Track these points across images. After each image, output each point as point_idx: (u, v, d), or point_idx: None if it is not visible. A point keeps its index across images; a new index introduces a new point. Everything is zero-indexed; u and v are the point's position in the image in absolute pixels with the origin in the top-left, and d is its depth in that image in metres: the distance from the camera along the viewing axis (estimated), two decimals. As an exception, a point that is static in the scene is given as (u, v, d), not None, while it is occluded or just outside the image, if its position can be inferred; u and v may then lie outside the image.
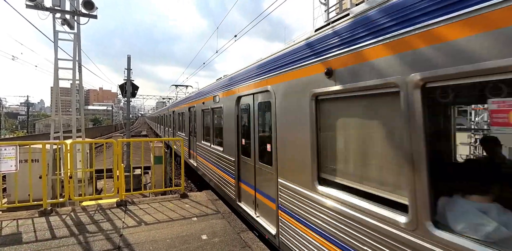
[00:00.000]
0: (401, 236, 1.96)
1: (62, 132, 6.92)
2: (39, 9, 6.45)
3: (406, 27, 1.94)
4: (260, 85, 4.30)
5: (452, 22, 1.66)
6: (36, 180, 5.63)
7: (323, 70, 2.74)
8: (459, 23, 1.63)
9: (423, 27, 1.81)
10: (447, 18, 1.69)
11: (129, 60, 12.05)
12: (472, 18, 1.57)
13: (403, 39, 1.95)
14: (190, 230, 4.18)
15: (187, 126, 10.97)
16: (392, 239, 2.03)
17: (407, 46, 1.93)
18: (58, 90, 6.84)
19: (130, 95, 11.60)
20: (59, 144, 5.81)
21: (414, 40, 1.87)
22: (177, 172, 13.66)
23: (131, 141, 7.01)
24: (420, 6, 1.84)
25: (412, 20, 1.90)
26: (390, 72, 2.03)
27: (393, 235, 2.03)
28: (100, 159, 16.68)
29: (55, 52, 6.73)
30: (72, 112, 7.06)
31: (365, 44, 2.27)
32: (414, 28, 1.88)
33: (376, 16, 2.20)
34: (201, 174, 8.53)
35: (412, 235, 1.90)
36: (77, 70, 7.03)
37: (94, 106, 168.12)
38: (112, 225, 4.34)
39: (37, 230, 4.09)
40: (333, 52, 2.64)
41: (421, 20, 1.83)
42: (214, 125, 7.23)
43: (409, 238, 1.91)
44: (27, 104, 58.18)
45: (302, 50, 3.18)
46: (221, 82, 6.69)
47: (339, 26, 2.64)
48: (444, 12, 1.71)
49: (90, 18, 7.13)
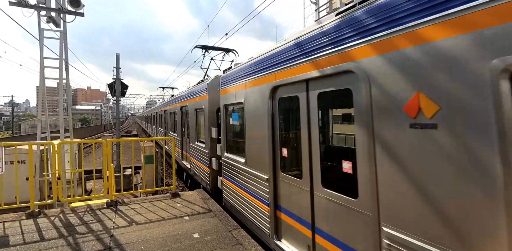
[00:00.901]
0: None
1: (49, 132, 6.78)
2: (23, 6, 6.30)
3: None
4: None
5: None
6: (23, 181, 5.53)
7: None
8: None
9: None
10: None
11: (118, 58, 11.88)
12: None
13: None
14: (182, 229, 4.18)
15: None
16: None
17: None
18: (44, 90, 6.70)
19: (119, 94, 11.45)
20: (46, 144, 5.70)
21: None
22: (169, 171, 13.57)
23: (121, 140, 6.93)
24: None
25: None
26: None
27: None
28: (89, 160, 16.42)
29: (41, 51, 6.59)
30: (59, 112, 6.93)
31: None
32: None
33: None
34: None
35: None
36: (63, 69, 6.90)
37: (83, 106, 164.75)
38: (103, 225, 4.30)
39: (25, 232, 4.01)
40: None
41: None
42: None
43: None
44: (12, 105, 56.66)
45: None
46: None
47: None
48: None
49: (76, 15, 6.99)
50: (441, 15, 1.76)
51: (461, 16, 1.66)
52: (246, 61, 4.78)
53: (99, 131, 52.47)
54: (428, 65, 1.83)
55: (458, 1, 1.69)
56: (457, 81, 1.68)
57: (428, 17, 1.84)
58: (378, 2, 2.24)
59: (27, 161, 5.29)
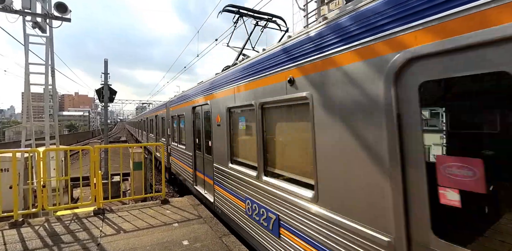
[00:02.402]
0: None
1: (34, 139, 6.62)
2: (8, 12, 6.20)
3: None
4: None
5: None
6: (6, 190, 5.36)
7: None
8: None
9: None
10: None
11: (106, 64, 11.75)
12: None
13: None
14: (171, 236, 4.12)
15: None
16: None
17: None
18: (30, 96, 6.57)
19: (107, 100, 11.29)
20: (31, 151, 5.56)
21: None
22: (158, 177, 13.37)
23: (109, 147, 6.82)
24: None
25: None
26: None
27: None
28: (76, 167, 16.03)
29: (26, 56, 6.47)
30: (45, 118, 6.78)
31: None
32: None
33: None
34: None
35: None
36: (49, 75, 6.79)
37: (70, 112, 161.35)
38: (89, 234, 4.20)
39: (7, 242, 3.88)
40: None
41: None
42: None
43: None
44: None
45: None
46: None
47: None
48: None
49: (63, 21, 6.92)
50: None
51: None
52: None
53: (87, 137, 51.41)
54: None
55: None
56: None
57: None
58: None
59: (10, 169, 5.14)
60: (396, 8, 1.94)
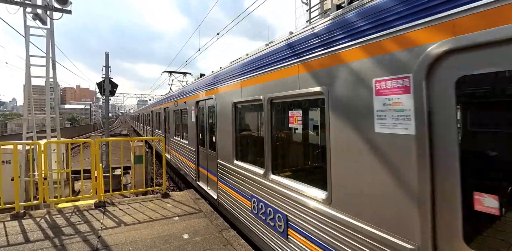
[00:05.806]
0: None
1: (35, 132, 6.63)
2: (8, 3, 6.13)
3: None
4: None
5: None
6: (7, 182, 5.38)
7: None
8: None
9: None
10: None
11: (107, 57, 11.68)
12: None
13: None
14: (171, 230, 4.15)
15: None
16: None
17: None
18: (31, 89, 6.55)
19: (108, 93, 11.27)
20: (32, 144, 5.56)
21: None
22: (159, 171, 13.44)
23: (110, 140, 6.83)
24: None
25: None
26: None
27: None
28: (77, 160, 16.11)
29: (27, 49, 6.41)
30: (46, 111, 6.77)
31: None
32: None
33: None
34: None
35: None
36: (50, 68, 6.75)
37: (71, 105, 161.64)
38: (90, 226, 4.23)
39: (9, 234, 3.91)
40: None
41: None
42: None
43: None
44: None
45: None
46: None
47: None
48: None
49: (64, 13, 6.84)
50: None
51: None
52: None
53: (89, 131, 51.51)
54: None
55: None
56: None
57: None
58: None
59: (12, 161, 5.15)
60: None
